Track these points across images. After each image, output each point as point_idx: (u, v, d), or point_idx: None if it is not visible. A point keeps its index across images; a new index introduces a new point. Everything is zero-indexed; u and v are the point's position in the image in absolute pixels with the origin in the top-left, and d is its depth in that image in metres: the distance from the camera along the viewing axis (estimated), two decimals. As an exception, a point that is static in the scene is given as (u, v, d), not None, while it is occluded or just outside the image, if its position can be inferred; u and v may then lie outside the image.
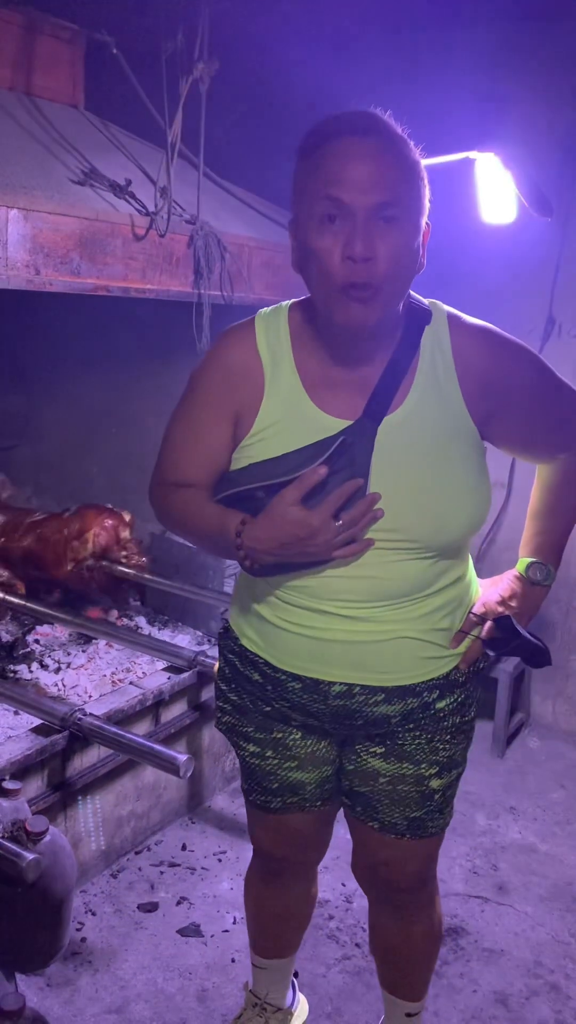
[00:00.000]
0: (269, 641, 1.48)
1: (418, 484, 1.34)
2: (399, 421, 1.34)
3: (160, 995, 2.05)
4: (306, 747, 1.55)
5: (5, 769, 2.04)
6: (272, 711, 1.54)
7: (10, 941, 1.77)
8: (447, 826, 1.60)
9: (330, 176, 1.23)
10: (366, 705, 1.45)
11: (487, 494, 1.40)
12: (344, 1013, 2.03)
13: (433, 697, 1.46)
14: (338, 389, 1.36)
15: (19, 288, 2.03)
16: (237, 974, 2.12)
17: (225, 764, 2.84)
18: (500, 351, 1.39)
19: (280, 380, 1.38)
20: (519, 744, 3.31)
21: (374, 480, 1.32)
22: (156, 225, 2.37)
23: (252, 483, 1.36)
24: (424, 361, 1.36)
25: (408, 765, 1.49)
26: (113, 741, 2.11)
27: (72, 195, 2.19)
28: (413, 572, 1.39)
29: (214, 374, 1.44)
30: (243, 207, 2.99)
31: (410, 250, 1.27)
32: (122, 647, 2.77)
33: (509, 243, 3.03)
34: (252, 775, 1.63)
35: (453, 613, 1.47)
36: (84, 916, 2.26)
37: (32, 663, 2.68)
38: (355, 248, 1.22)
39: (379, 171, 1.22)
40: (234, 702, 1.58)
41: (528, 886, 2.50)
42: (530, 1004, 2.09)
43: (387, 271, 1.24)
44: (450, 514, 1.36)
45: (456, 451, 1.36)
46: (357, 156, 1.22)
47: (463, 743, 1.54)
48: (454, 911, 2.38)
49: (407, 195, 1.25)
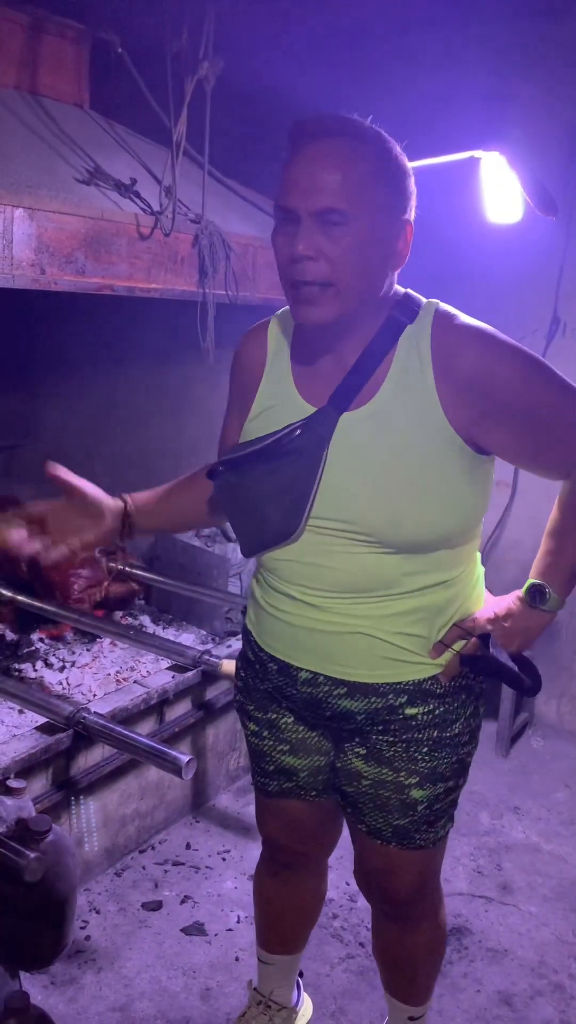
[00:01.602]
0: (258, 621, 1.56)
1: (374, 479, 1.33)
2: (366, 416, 1.35)
3: (164, 993, 2.05)
4: (297, 733, 1.58)
5: (10, 767, 2.04)
6: (265, 691, 1.58)
7: (14, 939, 1.77)
8: (441, 840, 1.57)
9: (283, 183, 1.29)
10: (330, 696, 1.46)
11: (468, 501, 1.37)
12: (348, 1012, 2.03)
13: (401, 701, 1.44)
14: (319, 378, 1.41)
15: (24, 287, 2.03)
16: (241, 973, 2.12)
17: (229, 763, 2.84)
18: (489, 353, 1.32)
19: (277, 368, 1.46)
20: (523, 744, 3.31)
21: (329, 470, 1.35)
22: (161, 224, 2.37)
23: (220, 459, 1.45)
24: (399, 359, 1.35)
25: (387, 771, 1.48)
26: (117, 740, 2.11)
27: (77, 194, 2.19)
28: (373, 567, 1.38)
29: (233, 369, 1.57)
30: (248, 206, 2.99)
31: (368, 249, 1.29)
32: (126, 646, 2.77)
33: (514, 243, 3.03)
34: (253, 755, 1.67)
35: (430, 621, 1.42)
36: (88, 914, 2.27)
37: (37, 661, 2.69)
38: (296, 248, 1.27)
39: (325, 176, 1.26)
40: (244, 679, 1.64)
41: (532, 886, 2.50)
42: (534, 1004, 2.08)
43: (337, 269, 1.27)
44: (408, 512, 1.33)
45: (423, 451, 1.32)
46: (307, 162, 1.27)
47: (449, 757, 1.48)
48: (458, 911, 2.38)
49: (361, 195, 1.26)
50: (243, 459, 1.40)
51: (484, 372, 1.31)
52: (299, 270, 1.28)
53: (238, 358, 1.56)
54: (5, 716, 2.34)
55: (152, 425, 3.58)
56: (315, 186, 1.25)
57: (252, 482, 1.39)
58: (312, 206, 1.26)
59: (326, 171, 1.25)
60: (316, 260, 1.27)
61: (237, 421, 1.54)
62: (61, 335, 3.64)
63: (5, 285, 1.98)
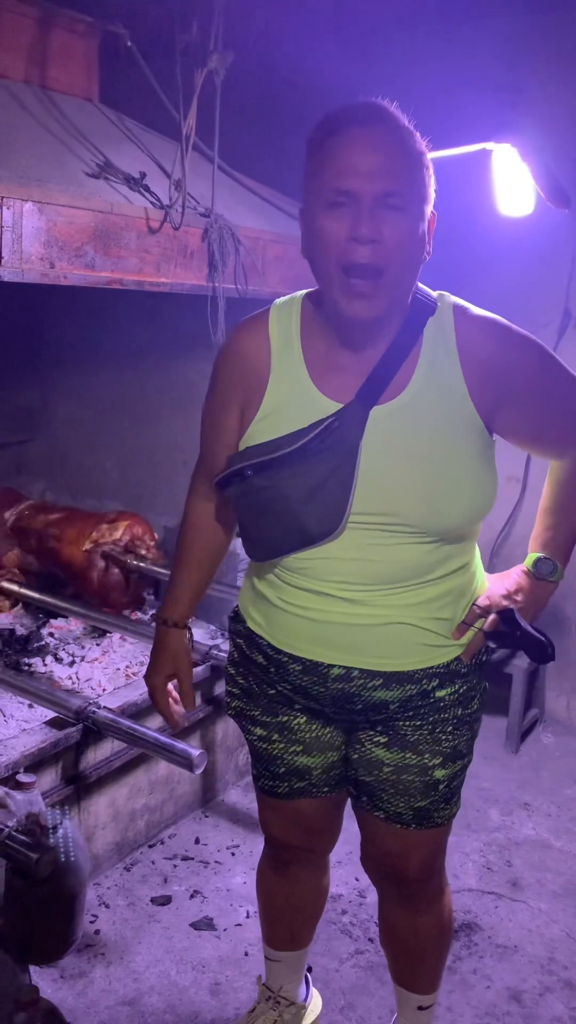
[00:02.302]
0: (271, 622, 1.51)
1: (415, 470, 1.35)
2: (398, 408, 1.36)
3: (173, 988, 2.05)
4: (311, 731, 1.56)
5: (19, 762, 2.05)
6: (276, 694, 1.56)
7: (24, 933, 1.78)
8: (454, 816, 1.60)
9: (337, 166, 1.26)
10: (364, 689, 1.46)
11: (491, 484, 1.41)
12: (357, 1008, 2.03)
13: (433, 685, 1.47)
14: (341, 373, 1.39)
15: (33, 281, 2.03)
16: (250, 968, 2.12)
17: (239, 758, 2.84)
18: (506, 342, 1.38)
19: (286, 364, 1.42)
20: (533, 740, 3.30)
21: (365, 464, 1.35)
22: (170, 218, 2.36)
23: (242, 463, 1.39)
24: (426, 350, 1.37)
25: (411, 755, 1.49)
26: (127, 735, 2.12)
27: (86, 188, 2.19)
28: (411, 556, 1.39)
29: (226, 365, 1.51)
30: (257, 200, 2.98)
31: (415, 238, 1.30)
32: (136, 641, 2.77)
33: (526, 235, 3.01)
34: (260, 760, 1.65)
35: (455, 603, 1.47)
36: (98, 909, 2.27)
37: (46, 656, 2.69)
38: (360, 230, 1.25)
39: (384, 160, 1.26)
40: (242, 686, 1.61)
41: (542, 882, 2.49)
42: (544, 1001, 2.08)
43: (393, 256, 1.27)
44: (448, 500, 1.36)
45: (457, 440, 1.36)
46: (363, 146, 1.26)
47: (467, 734, 1.53)
48: (467, 907, 2.37)
49: (411, 183, 1.28)
50: (275, 461, 1.36)
51: (504, 361, 1.37)
52: (361, 252, 1.26)
53: (233, 354, 1.49)
54: (15, 711, 2.34)
55: (162, 420, 3.58)
56: (377, 169, 1.25)
57: (283, 484, 1.36)
58: (376, 188, 1.25)
59: (385, 155, 1.26)
60: (379, 243, 1.26)
61: (232, 421, 1.48)
62: (70, 329, 3.64)
63: (14, 279, 1.98)
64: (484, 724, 1.61)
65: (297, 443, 1.35)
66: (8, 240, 1.94)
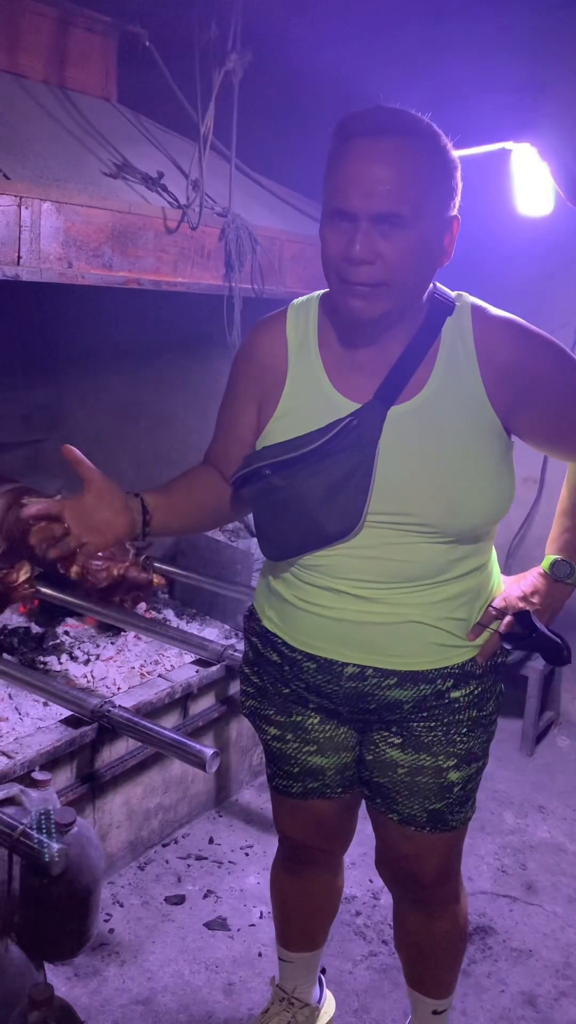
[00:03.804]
0: (286, 620, 1.51)
1: (432, 470, 1.35)
2: (416, 407, 1.36)
3: (187, 987, 2.05)
4: (325, 731, 1.56)
5: (35, 760, 2.05)
6: (291, 693, 1.56)
7: (38, 931, 1.78)
8: (469, 820, 1.59)
9: (338, 180, 1.27)
10: (379, 688, 1.46)
11: (508, 485, 1.41)
12: (371, 1010, 2.03)
13: (447, 686, 1.47)
14: (358, 373, 1.39)
15: (51, 281, 2.04)
16: (264, 968, 2.11)
17: (252, 758, 2.84)
18: (525, 343, 1.38)
19: (303, 364, 1.43)
20: (549, 743, 3.28)
21: (383, 464, 1.35)
22: (188, 218, 2.36)
23: (260, 462, 1.39)
24: (444, 350, 1.37)
25: (426, 756, 1.49)
26: (142, 734, 2.12)
27: (104, 188, 2.19)
28: (427, 556, 1.39)
29: (243, 363, 1.52)
30: (274, 200, 2.98)
31: (422, 249, 1.28)
32: (150, 640, 2.78)
33: (545, 235, 2.99)
34: (274, 759, 1.65)
35: (471, 604, 1.46)
36: (112, 907, 2.27)
37: (62, 655, 2.70)
38: (353, 251, 1.25)
39: (384, 176, 1.24)
40: (256, 684, 1.61)
41: (557, 886, 2.48)
42: (559, 1005, 2.06)
43: (393, 271, 1.27)
44: (464, 500, 1.36)
45: (474, 440, 1.36)
46: (364, 160, 1.25)
47: (482, 736, 1.53)
48: (482, 910, 2.36)
49: (419, 196, 1.25)
50: (293, 461, 1.36)
51: (521, 361, 1.36)
52: (354, 272, 1.27)
53: (250, 353, 1.50)
54: (30, 709, 2.35)
55: (178, 420, 3.58)
56: (375, 188, 1.23)
57: (301, 484, 1.37)
58: (372, 209, 1.24)
59: (385, 172, 1.24)
60: (372, 263, 1.26)
61: (247, 418, 1.49)
62: (87, 329, 3.64)
63: (32, 279, 1.98)
64: (499, 727, 1.60)
65: (316, 442, 1.35)
66: (27, 239, 1.95)
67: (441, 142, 1.30)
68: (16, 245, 1.93)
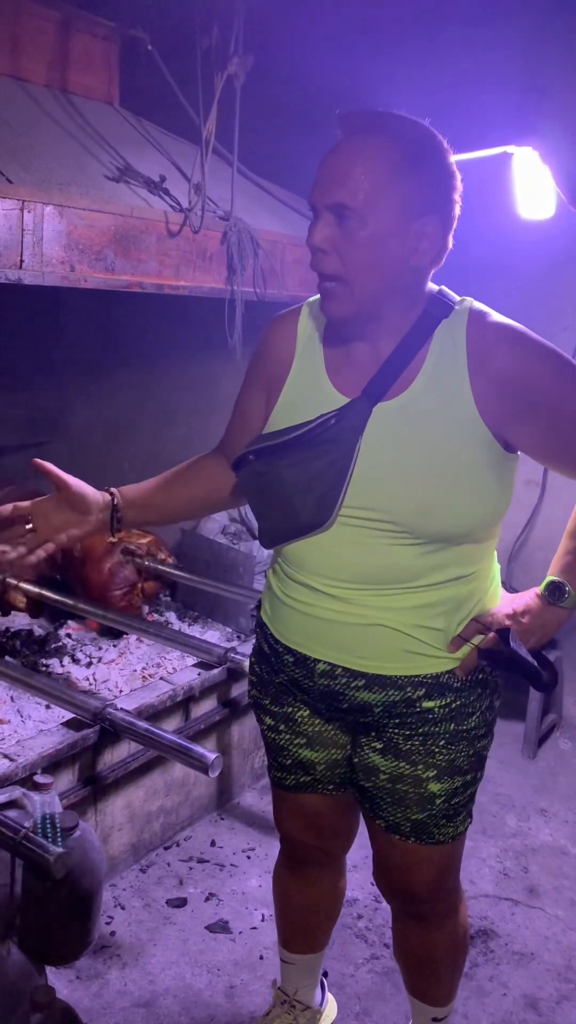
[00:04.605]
0: (274, 613, 1.56)
1: (406, 468, 1.35)
2: (399, 405, 1.37)
3: (188, 990, 2.06)
4: (314, 726, 1.57)
5: (37, 763, 2.05)
6: (280, 684, 1.58)
7: (40, 934, 1.78)
8: (459, 836, 1.56)
9: (315, 176, 1.33)
10: (348, 688, 1.46)
11: (498, 495, 1.38)
12: (372, 1013, 2.02)
13: (419, 695, 1.45)
14: (354, 369, 1.41)
15: (54, 284, 2.04)
16: (265, 971, 2.11)
17: (254, 761, 2.84)
18: (522, 352, 1.34)
19: (307, 358, 1.46)
20: (551, 746, 3.27)
21: (361, 460, 1.36)
22: (190, 221, 2.37)
23: (249, 448, 1.44)
24: (433, 351, 1.37)
25: (405, 764, 1.49)
26: (144, 737, 2.12)
27: (107, 192, 2.20)
28: (398, 558, 1.39)
29: (258, 354, 1.57)
30: (276, 203, 2.98)
31: (378, 247, 1.30)
32: (152, 642, 2.78)
33: (546, 239, 2.99)
34: (270, 750, 1.67)
35: (450, 614, 1.44)
36: (113, 910, 2.27)
37: (64, 657, 2.70)
38: (311, 239, 1.32)
39: (345, 170, 1.28)
40: (258, 674, 1.64)
41: (559, 889, 2.47)
42: (561, 1009, 2.06)
43: (349, 264, 1.31)
44: (436, 503, 1.34)
45: (454, 443, 1.34)
46: (333, 157, 1.31)
47: (467, 751, 1.49)
48: (484, 913, 2.36)
49: (373, 192, 1.27)
50: (274, 448, 1.40)
51: (517, 371, 1.33)
52: (315, 261, 1.33)
53: (265, 344, 1.55)
54: (33, 711, 2.36)
55: (180, 423, 3.59)
56: (332, 181, 1.29)
57: (282, 471, 1.39)
58: (325, 199, 1.30)
59: (344, 167, 1.29)
60: (328, 254, 1.31)
61: (255, 406, 1.54)
62: (89, 332, 3.65)
63: (35, 282, 1.99)
64: (501, 730, 1.60)
65: (296, 432, 1.38)
66: (29, 243, 1.95)
67: (425, 144, 1.30)
68: (19, 249, 1.94)
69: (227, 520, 3.25)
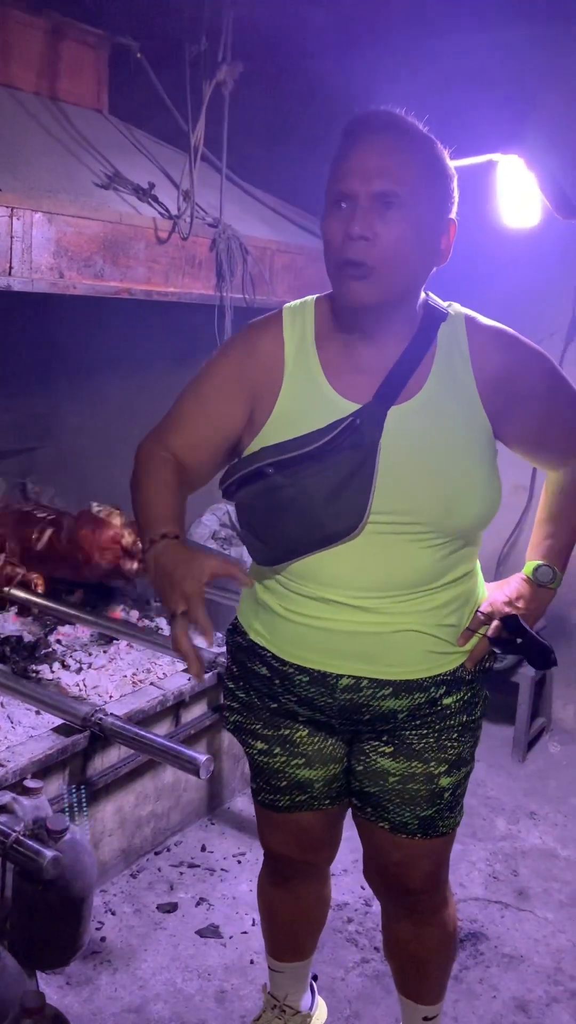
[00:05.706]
0: (276, 633, 1.50)
1: (431, 468, 1.38)
2: (415, 408, 1.39)
3: (179, 995, 2.06)
4: (313, 744, 1.56)
5: (27, 768, 2.05)
6: (279, 707, 1.55)
7: (31, 939, 1.78)
8: (457, 825, 1.60)
9: (342, 169, 1.33)
10: (374, 699, 1.46)
11: (498, 489, 1.44)
12: (363, 1017, 2.03)
13: (440, 693, 1.48)
14: (357, 374, 1.41)
15: (43, 291, 2.05)
16: (256, 976, 2.12)
17: (244, 766, 2.84)
18: (515, 351, 1.44)
19: (301, 366, 1.44)
20: (540, 749, 3.29)
21: (383, 462, 1.37)
22: (179, 228, 2.38)
23: (260, 462, 1.39)
24: (441, 354, 1.41)
25: (417, 763, 1.50)
26: (134, 741, 2.12)
27: (96, 198, 2.21)
28: (423, 561, 1.41)
29: (237, 354, 1.50)
30: (265, 210, 3.00)
31: (416, 238, 1.33)
32: (143, 648, 2.78)
33: (531, 247, 3.01)
34: (261, 773, 1.63)
35: (460, 610, 1.48)
36: (104, 915, 2.27)
37: (54, 663, 2.70)
38: (353, 228, 1.30)
39: (383, 162, 1.31)
40: (241, 699, 1.60)
41: (549, 892, 2.49)
42: (551, 1011, 2.07)
43: (386, 253, 1.31)
44: (460, 499, 1.38)
45: (470, 441, 1.40)
46: (365, 150, 1.32)
47: (470, 741, 1.54)
48: (474, 916, 2.36)
49: (414, 186, 1.31)
50: (296, 459, 1.37)
51: (513, 370, 1.42)
52: (353, 249, 1.31)
53: (245, 348, 1.48)
54: (22, 717, 2.35)
55: (169, 428, 3.58)
56: (374, 170, 1.30)
57: (305, 481, 1.37)
58: (371, 188, 1.30)
59: (384, 157, 1.31)
60: (369, 240, 1.30)
61: (230, 414, 1.45)
62: (79, 338, 3.65)
63: (24, 289, 2.00)
64: (491, 733, 1.63)
65: (319, 441, 1.36)
66: (18, 250, 1.96)
67: (438, 149, 1.37)
68: (8, 255, 1.95)
69: (217, 525, 3.26)
